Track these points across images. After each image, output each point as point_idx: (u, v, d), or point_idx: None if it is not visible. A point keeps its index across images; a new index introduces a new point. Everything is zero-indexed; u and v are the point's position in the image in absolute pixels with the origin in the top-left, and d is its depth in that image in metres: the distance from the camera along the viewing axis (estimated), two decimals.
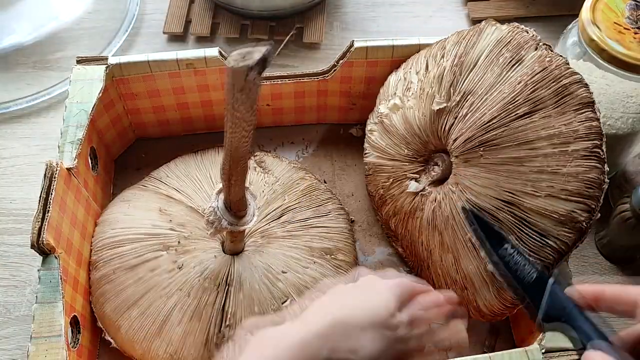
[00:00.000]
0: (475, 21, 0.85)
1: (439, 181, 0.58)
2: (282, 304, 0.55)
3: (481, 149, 0.52)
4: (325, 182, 0.70)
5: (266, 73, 0.59)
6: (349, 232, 0.64)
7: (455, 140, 0.54)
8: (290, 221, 0.61)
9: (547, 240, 0.50)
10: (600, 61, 0.57)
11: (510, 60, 0.53)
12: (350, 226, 0.66)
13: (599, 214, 0.50)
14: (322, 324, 0.40)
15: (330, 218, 0.63)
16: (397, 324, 0.43)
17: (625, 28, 0.57)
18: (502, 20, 0.58)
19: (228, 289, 0.55)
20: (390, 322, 0.42)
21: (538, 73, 0.52)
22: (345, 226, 0.64)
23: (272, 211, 0.61)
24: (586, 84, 0.51)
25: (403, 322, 0.43)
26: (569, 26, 0.64)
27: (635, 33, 0.57)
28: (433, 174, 0.59)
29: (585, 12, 0.58)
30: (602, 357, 0.36)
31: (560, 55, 0.52)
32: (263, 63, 0.38)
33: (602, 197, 0.50)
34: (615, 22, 0.57)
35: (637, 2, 0.59)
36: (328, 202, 0.65)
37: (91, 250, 0.60)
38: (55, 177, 0.55)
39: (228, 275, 0.56)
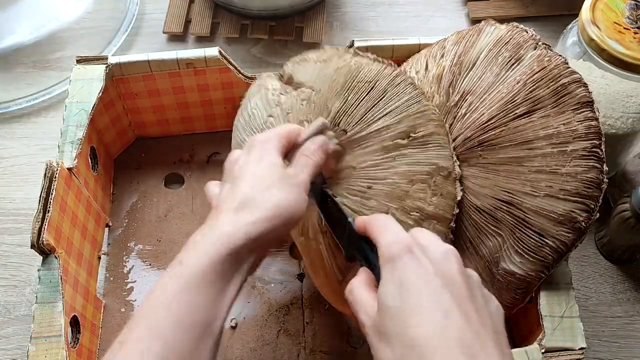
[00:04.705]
0: (475, 21, 0.85)
1: None
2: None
3: (480, 148, 0.52)
4: None
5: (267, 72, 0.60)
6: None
7: (454, 140, 0.54)
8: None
9: (546, 240, 0.50)
10: (600, 61, 0.57)
11: (509, 60, 0.53)
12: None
13: (598, 214, 0.50)
14: (231, 212, 0.43)
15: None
16: (292, 173, 0.46)
17: (625, 28, 0.57)
18: (501, 20, 0.58)
19: None
20: (286, 174, 0.45)
21: (537, 72, 0.52)
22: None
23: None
24: (585, 84, 0.51)
25: (296, 171, 0.46)
26: (569, 26, 0.64)
27: (635, 33, 0.57)
28: None
29: (585, 11, 0.58)
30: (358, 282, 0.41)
31: (559, 55, 0.52)
32: None
33: (601, 197, 0.50)
34: (615, 22, 0.57)
35: (637, 1, 0.59)
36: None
37: None
38: (55, 177, 0.55)
39: None
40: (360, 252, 0.44)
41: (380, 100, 0.51)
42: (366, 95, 0.52)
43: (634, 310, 0.63)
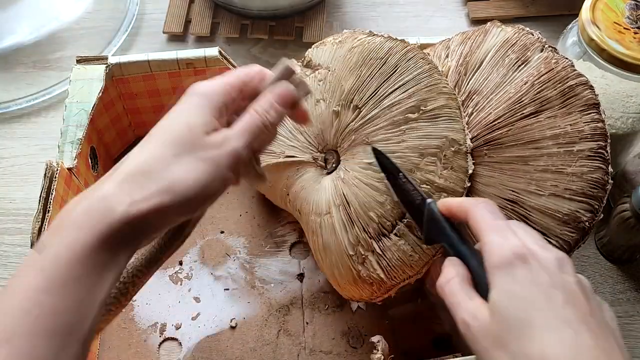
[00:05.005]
0: (475, 21, 0.85)
1: None
2: None
3: (486, 147, 0.52)
4: None
5: None
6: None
7: None
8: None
9: (549, 239, 0.50)
10: (600, 61, 0.57)
11: (516, 61, 0.54)
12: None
13: (602, 215, 0.50)
14: (117, 176, 0.35)
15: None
16: (217, 141, 0.37)
17: (625, 28, 0.57)
18: (502, 20, 0.58)
19: None
20: (204, 141, 0.36)
21: (544, 74, 0.52)
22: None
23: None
24: (591, 86, 0.52)
25: (226, 138, 0.37)
26: (569, 26, 0.64)
27: (635, 33, 0.57)
28: None
29: (585, 11, 0.58)
30: (450, 269, 0.40)
31: (566, 58, 0.53)
32: None
33: (605, 198, 0.50)
34: (615, 22, 0.57)
35: (637, 1, 0.59)
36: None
37: None
38: (55, 177, 0.55)
39: None
40: (445, 238, 0.43)
41: (392, 75, 0.53)
42: (378, 71, 0.53)
43: (634, 310, 0.63)
